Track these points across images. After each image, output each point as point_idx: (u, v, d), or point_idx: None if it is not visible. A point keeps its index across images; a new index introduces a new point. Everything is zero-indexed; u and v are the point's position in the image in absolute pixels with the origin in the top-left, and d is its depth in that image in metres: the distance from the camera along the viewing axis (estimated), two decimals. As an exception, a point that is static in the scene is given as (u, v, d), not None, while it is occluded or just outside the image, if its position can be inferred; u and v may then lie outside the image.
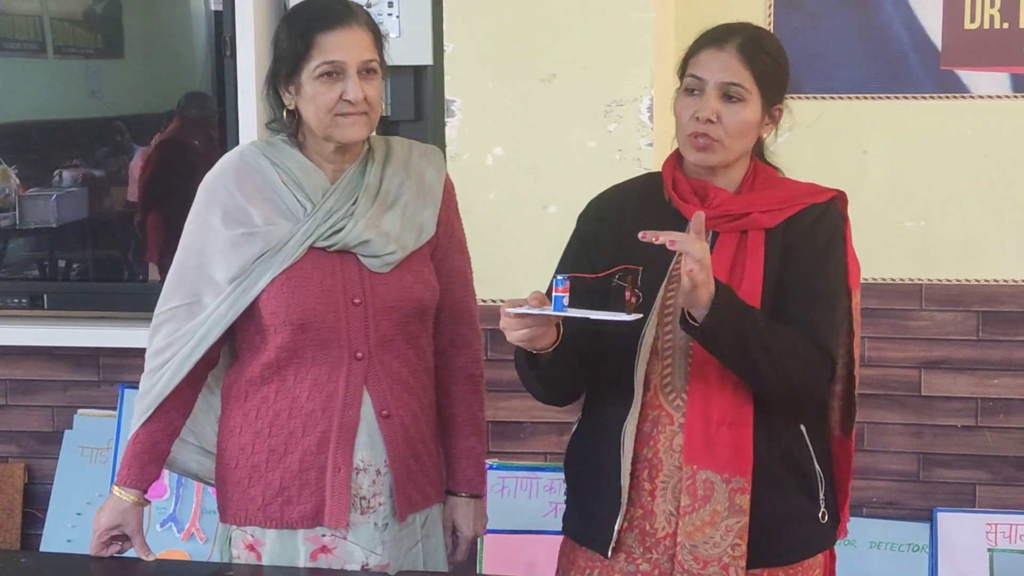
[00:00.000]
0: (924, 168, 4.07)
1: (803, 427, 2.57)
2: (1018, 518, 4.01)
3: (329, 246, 2.66)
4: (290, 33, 2.65)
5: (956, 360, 4.09)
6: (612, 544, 2.55)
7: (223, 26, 4.17)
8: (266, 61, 2.73)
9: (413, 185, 2.75)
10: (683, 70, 2.59)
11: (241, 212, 2.67)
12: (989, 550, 3.99)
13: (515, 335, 2.41)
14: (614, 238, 2.62)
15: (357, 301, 2.66)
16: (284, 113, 2.69)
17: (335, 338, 2.66)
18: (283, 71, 2.66)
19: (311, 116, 2.64)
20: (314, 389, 2.67)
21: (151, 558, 2.73)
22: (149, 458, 2.72)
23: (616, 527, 2.55)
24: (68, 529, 4.34)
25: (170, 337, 2.70)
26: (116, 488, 2.72)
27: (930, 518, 4.05)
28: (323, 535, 2.69)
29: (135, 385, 4.30)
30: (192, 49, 4.43)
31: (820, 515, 2.58)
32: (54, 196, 4.52)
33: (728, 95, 2.52)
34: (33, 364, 4.47)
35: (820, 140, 4.04)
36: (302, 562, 2.69)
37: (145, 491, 2.73)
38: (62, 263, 4.68)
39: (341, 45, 2.62)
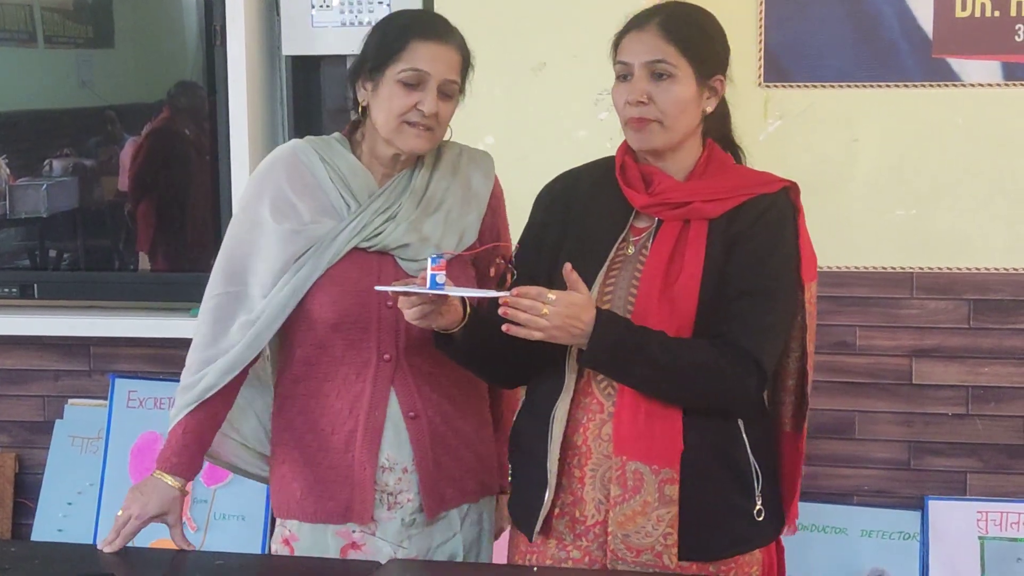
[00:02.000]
0: (915, 156, 4.06)
1: (740, 421, 2.50)
2: (1009, 506, 4.02)
3: (370, 247, 2.67)
4: (387, 31, 2.67)
5: (947, 348, 4.09)
6: (537, 529, 2.52)
7: (212, 15, 4.17)
8: (255, 51, 2.72)
9: (459, 190, 2.75)
10: (614, 58, 2.56)
11: (289, 206, 2.68)
12: (980, 538, 4.00)
13: (408, 314, 2.45)
14: (562, 223, 2.60)
15: (391, 304, 2.65)
16: (360, 109, 2.69)
17: (365, 338, 2.67)
18: (368, 65, 2.66)
19: (380, 117, 2.65)
20: (342, 388, 2.68)
21: (191, 548, 2.71)
22: (197, 448, 2.71)
23: (541, 513, 2.51)
24: (59, 519, 4.34)
25: (221, 325, 2.69)
26: (163, 475, 2.69)
27: (921, 506, 4.05)
28: (352, 531, 2.70)
29: (126, 375, 4.36)
30: (182, 39, 4.42)
31: (756, 512, 2.51)
32: (44, 186, 4.52)
33: (656, 73, 2.48)
34: (23, 354, 4.47)
35: (810, 128, 4.02)
36: (332, 556, 2.69)
37: (190, 480, 2.72)
38: (52, 252, 4.67)
39: (432, 57, 2.63)
